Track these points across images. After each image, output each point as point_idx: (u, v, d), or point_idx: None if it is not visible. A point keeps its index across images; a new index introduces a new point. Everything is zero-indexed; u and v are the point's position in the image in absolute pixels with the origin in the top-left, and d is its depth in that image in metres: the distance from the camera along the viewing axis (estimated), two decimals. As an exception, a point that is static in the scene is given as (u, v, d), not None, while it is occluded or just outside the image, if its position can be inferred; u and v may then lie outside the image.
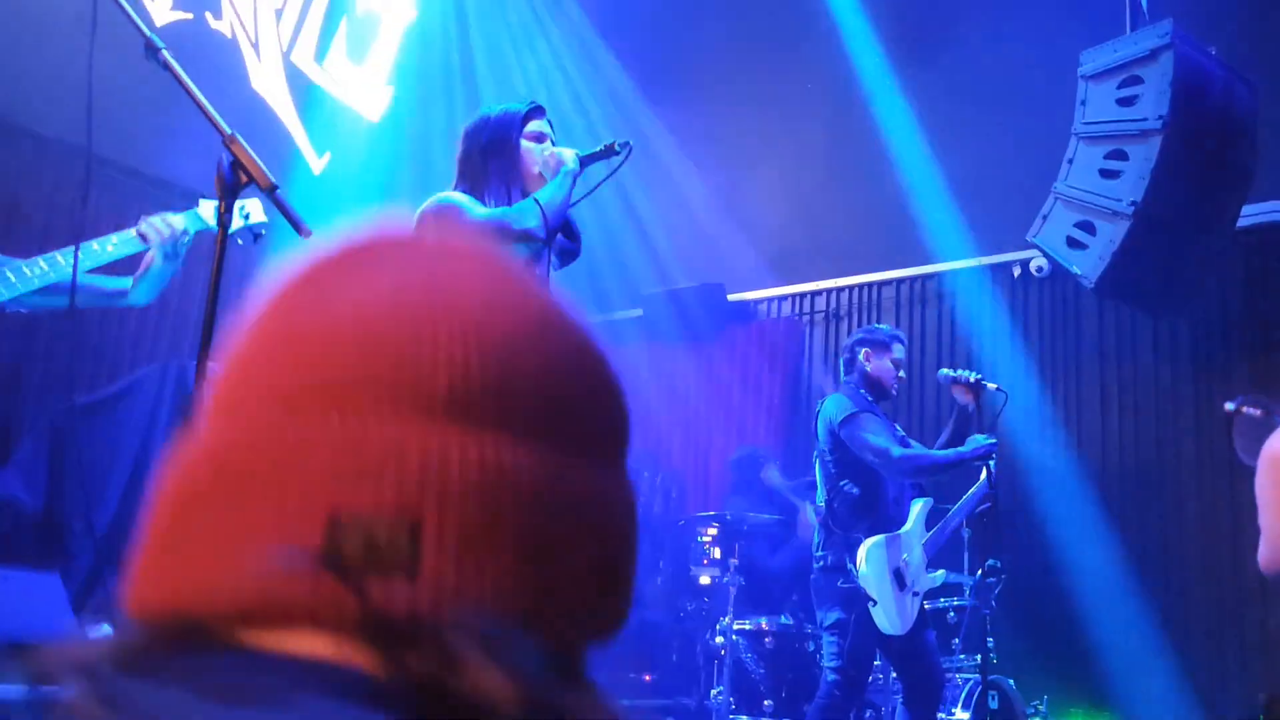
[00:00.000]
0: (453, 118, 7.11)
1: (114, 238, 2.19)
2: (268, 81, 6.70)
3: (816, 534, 4.17)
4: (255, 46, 6.65)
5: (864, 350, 4.27)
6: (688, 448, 7.61)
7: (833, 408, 4.14)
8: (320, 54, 7.07)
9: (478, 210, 2.60)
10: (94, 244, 2.14)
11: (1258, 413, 3.15)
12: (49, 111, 4.78)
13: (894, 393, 4.30)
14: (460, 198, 2.65)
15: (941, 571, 4.37)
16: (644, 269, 7.58)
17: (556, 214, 2.61)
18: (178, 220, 2.29)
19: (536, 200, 2.62)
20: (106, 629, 4.21)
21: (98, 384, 5.18)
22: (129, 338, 5.83)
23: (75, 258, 2.02)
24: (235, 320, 0.58)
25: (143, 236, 2.25)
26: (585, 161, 2.74)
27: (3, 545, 4.39)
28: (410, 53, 7.53)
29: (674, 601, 6.43)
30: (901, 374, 4.29)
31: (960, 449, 4.05)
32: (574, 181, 2.69)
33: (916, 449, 4.07)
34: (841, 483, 4.08)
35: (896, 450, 3.97)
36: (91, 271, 2.20)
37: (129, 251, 2.24)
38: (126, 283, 2.32)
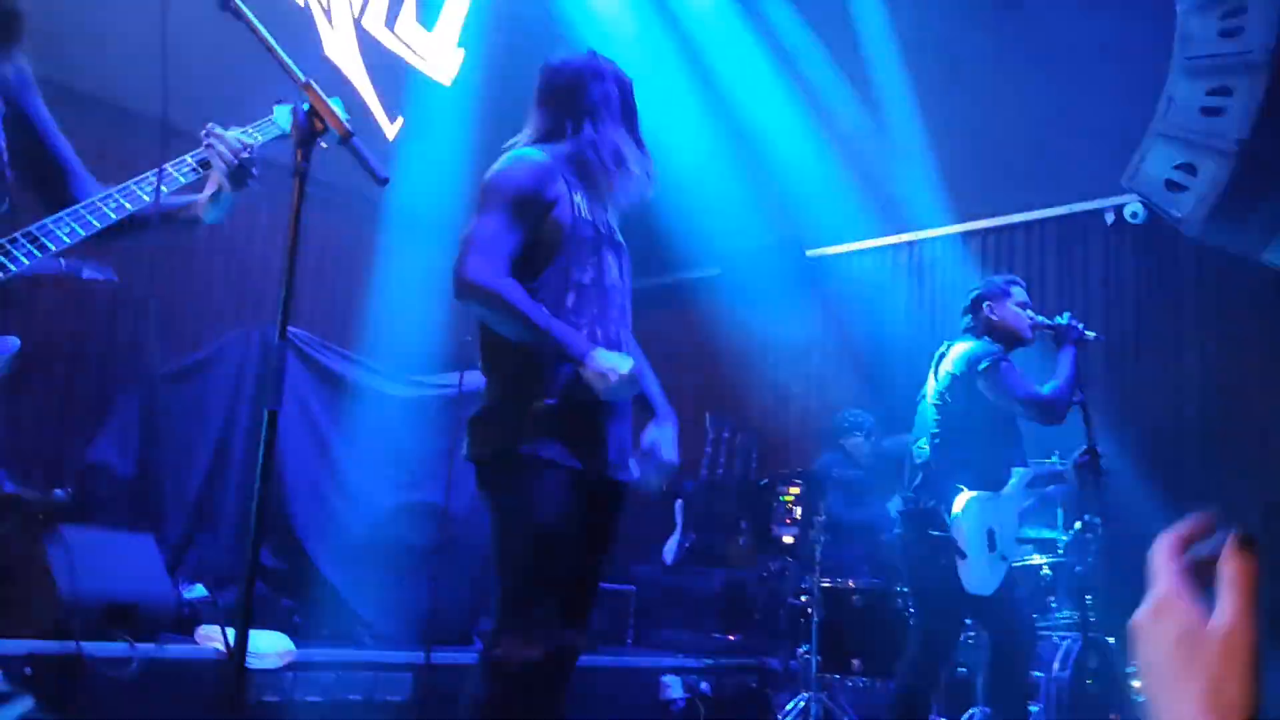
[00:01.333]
0: (526, 78, 7.05)
1: (173, 170, 2.09)
2: (340, 49, 6.70)
3: (912, 477, 4.05)
4: (327, 14, 6.66)
5: (985, 303, 4.11)
6: (768, 407, 7.51)
7: (969, 354, 3.97)
8: (391, 19, 7.05)
9: (511, 208, 2.48)
10: (170, 170, 2.07)
11: None
12: (124, 82, 4.82)
13: (1029, 338, 4.12)
14: (519, 168, 2.53)
15: (1030, 545, 4.24)
16: (722, 226, 7.46)
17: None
18: (233, 138, 2.14)
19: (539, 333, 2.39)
20: (200, 590, 4.29)
21: (184, 351, 5.26)
22: (213, 304, 5.91)
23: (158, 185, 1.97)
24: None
25: (204, 165, 2.13)
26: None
27: (99, 509, 4.49)
28: (481, 14, 7.47)
29: (757, 561, 6.38)
30: (1030, 312, 4.12)
31: (1060, 363, 3.96)
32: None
33: (1049, 386, 3.93)
34: (954, 431, 3.96)
35: (1045, 390, 3.87)
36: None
37: (190, 179, 2.14)
38: (195, 198, 2.20)
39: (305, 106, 1.77)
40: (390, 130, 6.93)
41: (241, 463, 4.72)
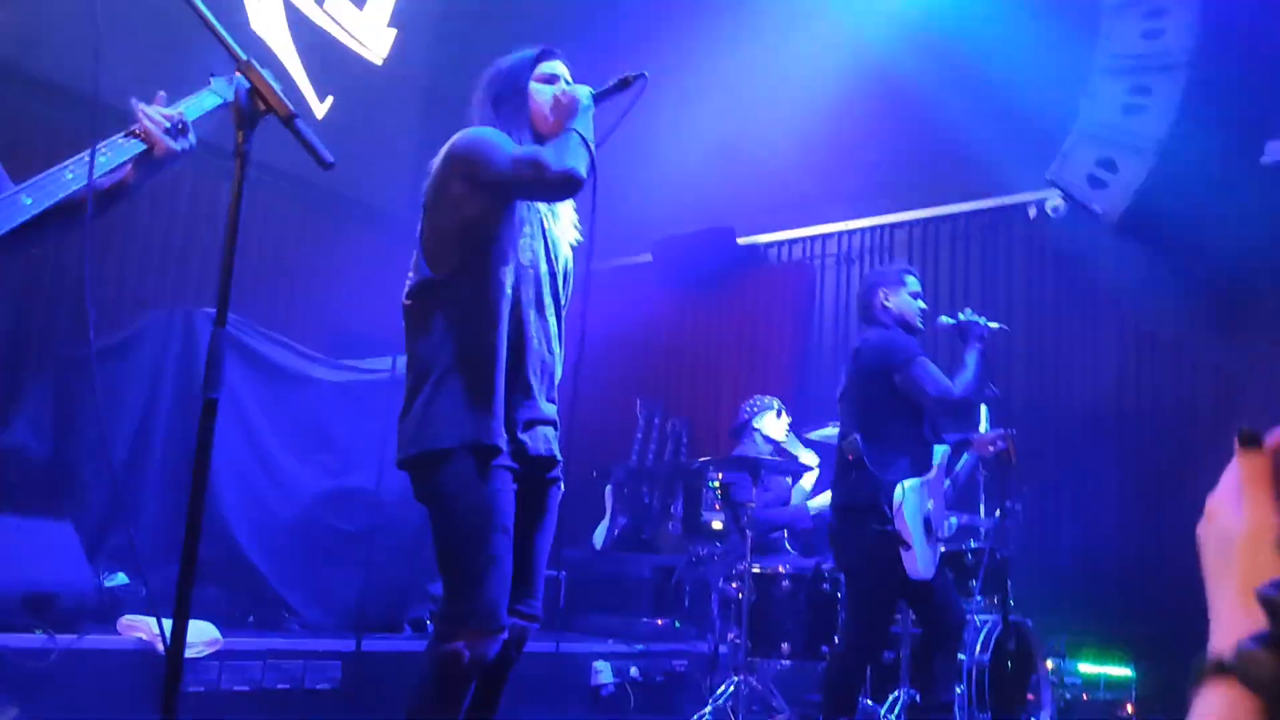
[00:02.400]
0: (458, 58, 6.97)
1: (104, 149, 2.02)
2: (268, 24, 6.56)
3: (848, 471, 4.08)
4: (254, -12, 6.50)
5: (880, 291, 4.14)
6: (698, 393, 7.56)
7: (885, 349, 4.00)
8: (321, -5, 6.92)
9: (511, 147, 2.49)
10: (101, 150, 2.00)
11: None
12: (56, 59, 4.67)
13: (920, 326, 4.17)
14: (492, 132, 2.54)
15: (954, 519, 4.32)
16: (653, 213, 7.47)
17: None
18: (171, 110, 2.11)
19: (580, 133, 2.50)
20: (121, 578, 4.18)
21: (103, 331, 5.12)
22: (133, 284, 5.76)
23: (91, 164, 1.90)
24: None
25: (138, 135, 2.08)
26: (599, 98, 2.63)
27: (13, 494, 4.36)
28: (412, -7, 7.36)
29: (686, 547, 6.43)
30: (922, 304, 4.16)
31: (965, 355, 3.99)
32: (590, 118, 2.58)
33: (960, 384, 3.98)
34: (880, 424, 3.99)
35: (956, 389, 3.91)
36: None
37: (126, 156, 2.08)
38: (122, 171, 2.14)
39: (246, 86, 1.73)
40: (320, 109, 6.80)
41: (163, 447, 4.61)
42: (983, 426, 4.72)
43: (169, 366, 4.72)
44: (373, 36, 7.17)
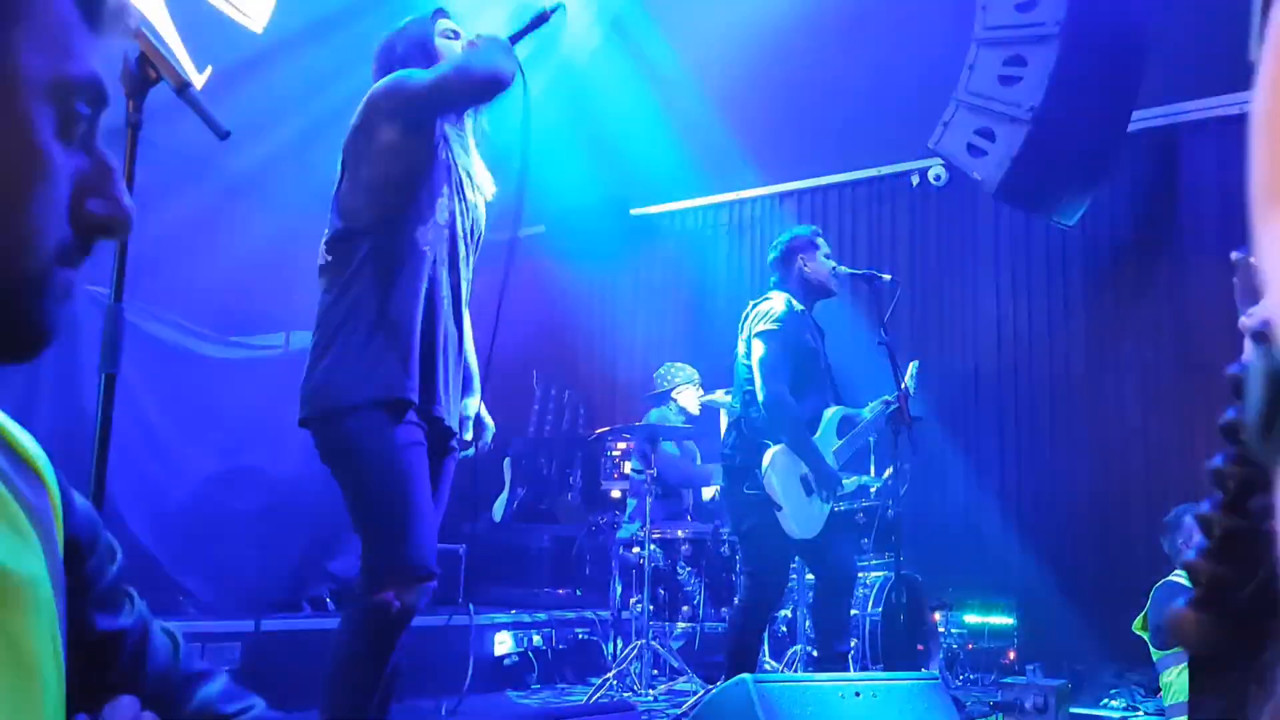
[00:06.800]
0: (342, 24, 6.81)
1: None
2: (140, -11, 6.31)
3: (727, 434, 4.16)
4: (124, -49, 6.24)
5: (800, 257, 4.17)
6: (595, 363, 7.59)
7: (763, 315, 4.07)
8: (195, -40, 6.67)
9: (423, 73, 2.43)
10: None
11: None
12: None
13: (835, 290, 4.23)
14: (406, 70, 2.48)
15: (854, 478, 4.42)
16: (546, 184, 7.44)
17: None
18: None
19: (501, 40, 2.45)
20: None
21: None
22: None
23: None
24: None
25: None
26: (516, 38, 2.56)
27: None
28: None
29: (586, 516, 6.48)
30: (834, 264, 4.22)
31: (858, 432, 4.16)
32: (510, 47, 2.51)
33: (800, 428, 3.97)
34: (757, 389, 4.05)
35: (772, 398, 3.90)
36: None
37: None
38: None
39: (136, 54, 1.68)
40: (198, 80, 6.58)
41: (42, 428, 4.45)
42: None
43: (47, 346, 4.54)
44: (252, 4, 6.96)
